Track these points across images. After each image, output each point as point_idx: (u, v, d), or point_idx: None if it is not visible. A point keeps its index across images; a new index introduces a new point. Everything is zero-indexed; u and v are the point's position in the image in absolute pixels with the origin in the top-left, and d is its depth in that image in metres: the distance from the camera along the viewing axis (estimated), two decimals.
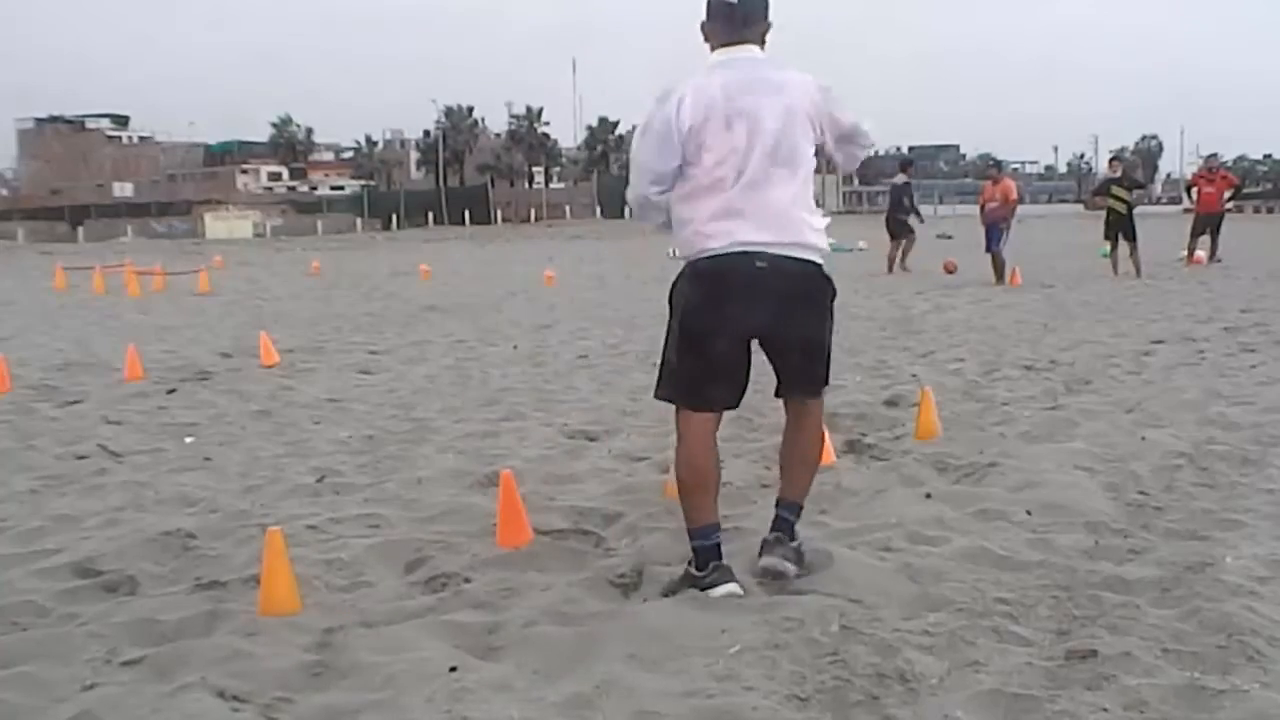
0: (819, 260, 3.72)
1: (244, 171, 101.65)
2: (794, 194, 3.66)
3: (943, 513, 4.60)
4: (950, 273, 18.52)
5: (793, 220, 3.65)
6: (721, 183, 3.61)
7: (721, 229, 3.62)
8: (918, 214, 20.27)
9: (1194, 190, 20.81)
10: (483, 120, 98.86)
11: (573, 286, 18.32)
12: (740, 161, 3.60)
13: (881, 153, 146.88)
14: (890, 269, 19.46)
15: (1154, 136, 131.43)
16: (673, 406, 3.82)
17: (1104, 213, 17.98)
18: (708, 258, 3.65)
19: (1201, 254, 20.21)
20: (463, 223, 61.81)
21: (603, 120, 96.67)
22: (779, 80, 3.66)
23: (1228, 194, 20.83)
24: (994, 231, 16.94)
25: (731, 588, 3.62)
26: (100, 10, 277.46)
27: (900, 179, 20.52)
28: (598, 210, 72.30)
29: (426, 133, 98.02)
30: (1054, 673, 3.04)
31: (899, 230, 19.89)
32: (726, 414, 3.89)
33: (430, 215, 64.99)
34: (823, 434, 4.15)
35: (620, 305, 14.86)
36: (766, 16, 3.74)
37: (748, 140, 3.59)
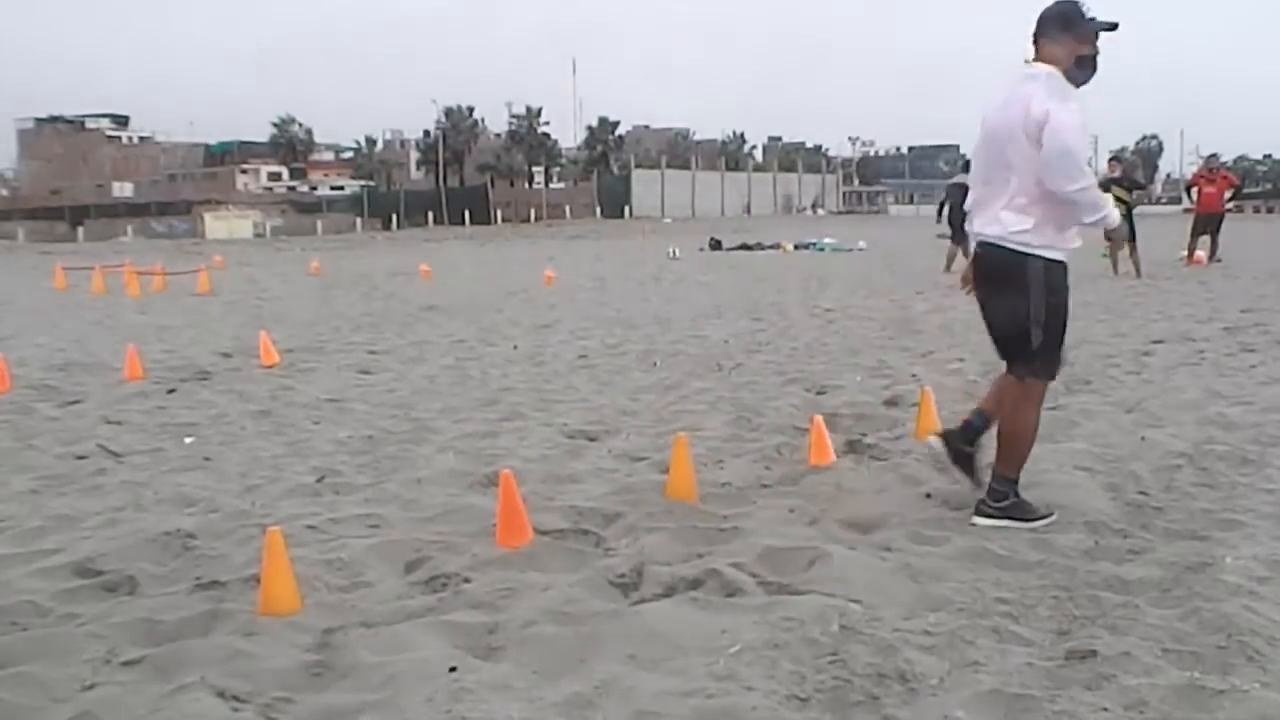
0: (1011, 247, 4.29)
1: (244, 171, 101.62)
2: (1000, 193, 4.31)
3: (943, 513, 4.61)
4: None
5: (996, 214, 4.34)
6: (975, 182, 4.54)
7: (972, 219, 4.53)
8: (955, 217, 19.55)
9: (1194, 190, 20.79)
10: (483, 120, 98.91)
11: (573, 286, 18.32)
12: (978, 164, 4.52)
13: (882, 153, 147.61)
14: (948, 268, 19.15)
15: (1154, 136, 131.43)
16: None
17: None
18: None
19: (1201, 254, 20.20)
20: (463, 223, 61.79)
21: (603, 120, 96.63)
22: (1010, 97, 4.30)
23: (1228, 194, 20.81)
24: None
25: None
26: (100, 11, 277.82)
27: (964, 179, 19.77)
28: (598, 210, 72.34)
29: (426, 133, 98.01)
30: (1054, 673, 3.05)
31: (960, 231, 19.31)
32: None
33: (430, 215, 64.96)
34: (1012, 413, 4.47)
35: (620, 305, 14.85)
36: (1051, 39, 4.29)
37: (984, 147, 4.44)
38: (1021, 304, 4.29)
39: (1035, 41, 4.33)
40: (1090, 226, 4.34)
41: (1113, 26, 4.32)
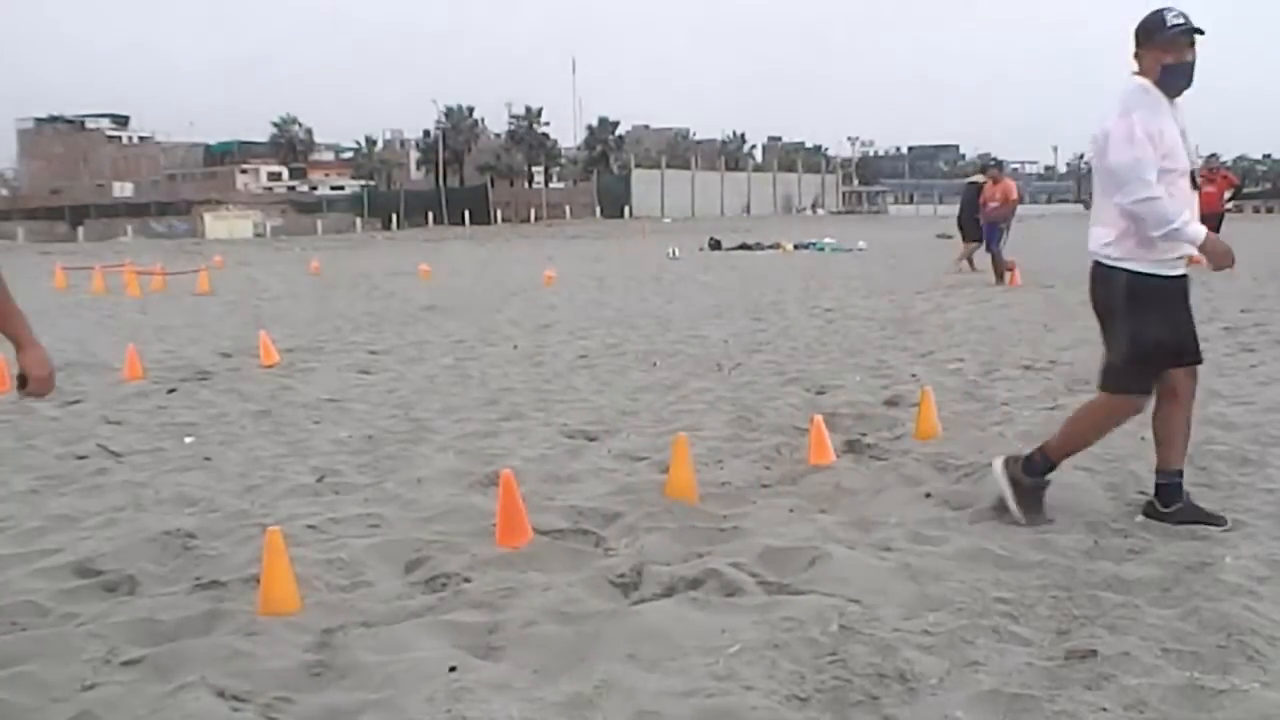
0: (1100, 259, 4.38)
1: (244, 171, 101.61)
2: (1098, 210, 4.41)
3: (943, 513, 4.61)
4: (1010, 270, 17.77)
5: (1093, 227, 4.42)
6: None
7: None
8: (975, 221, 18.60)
9: None
10: (483, 120, 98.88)
11: (573, 286, 18.31)
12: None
13: (882, 153, 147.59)
14: (955, 265, 19.04)
15: None
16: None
17: None
18: None
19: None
20: (462, 223, 61.74)
21: (603, 120, 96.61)
22: (1106, 111, 4.33)
23: (1227, 194, 20.79)
24: (994, 231, 16.90)
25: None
26: (100, 10, 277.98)
27: (980, 179, 19.18)
28: (597, 210, 72.33)
29: (426, 133, 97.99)
30: (1054, 673, 3.05)
31: (971, 231, 19.22)
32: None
33: (430, 215, 64.91)
34: (1090, 414, 4.52)
35: (620, 305, 14.85)
36: (1140, 51, 4.29)
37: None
38: (1107, 316, 4.37)
39: (1135, 55, 4.32)
40: (1165, 240, 4.18)
41: (1197, 30, 4.22)
